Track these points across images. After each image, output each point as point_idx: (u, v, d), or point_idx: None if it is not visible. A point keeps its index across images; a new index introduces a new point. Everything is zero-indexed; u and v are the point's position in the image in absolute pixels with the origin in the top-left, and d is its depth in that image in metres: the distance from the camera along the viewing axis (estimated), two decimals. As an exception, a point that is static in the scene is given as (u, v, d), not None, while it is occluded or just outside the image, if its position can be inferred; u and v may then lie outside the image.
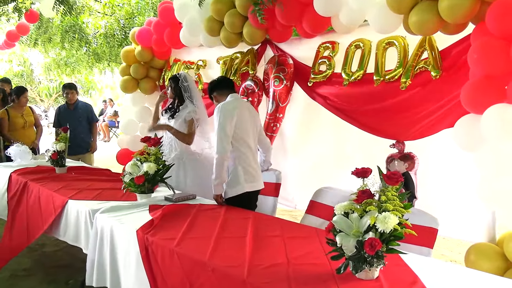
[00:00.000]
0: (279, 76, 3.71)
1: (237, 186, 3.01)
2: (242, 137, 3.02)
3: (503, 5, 2.21)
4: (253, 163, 3.11)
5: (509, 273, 2.40)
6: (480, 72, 2.38)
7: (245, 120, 3.04)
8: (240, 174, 3.01)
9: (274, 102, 3.76)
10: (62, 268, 3.61)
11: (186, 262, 1.97)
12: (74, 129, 5.13)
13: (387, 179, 1.63)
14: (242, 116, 3.01)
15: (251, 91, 4.03)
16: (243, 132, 3.02)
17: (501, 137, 2.27)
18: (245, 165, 3.04)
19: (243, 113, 3.03)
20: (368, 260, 1.57)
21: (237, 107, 3.00)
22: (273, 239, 2.16)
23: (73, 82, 11.23)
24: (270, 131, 3.85)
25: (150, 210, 2.62)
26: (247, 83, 4.05)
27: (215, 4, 3.79)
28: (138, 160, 2.91)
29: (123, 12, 7.54)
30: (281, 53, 3.86)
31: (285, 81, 3.72)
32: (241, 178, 3.00)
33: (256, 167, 3.13)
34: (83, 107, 5.57)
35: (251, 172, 3.06)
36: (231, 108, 2.97)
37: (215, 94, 3.22)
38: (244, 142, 3.03)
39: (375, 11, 2.82)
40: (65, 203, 2.94)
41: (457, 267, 1.97)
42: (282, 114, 3.80)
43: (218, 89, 3.19)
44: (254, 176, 3.09)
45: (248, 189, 3.03)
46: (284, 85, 3.72)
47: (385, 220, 1.53)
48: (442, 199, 3.02)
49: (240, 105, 3.05)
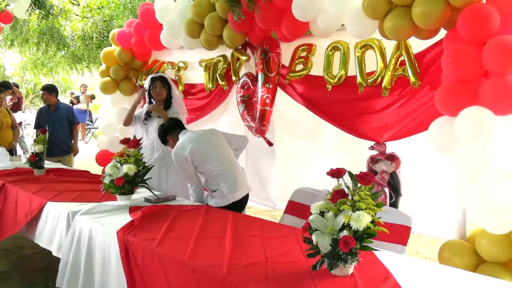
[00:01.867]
0: (264, 50, 3.76)
1: (223, 198, 3.05)
2: (211, 163, 3.03)
3: (473, 12, 2.31)
4: (234, 173, 3.13)
5: (480, 269, 2.50)
6: (453, 76, 2.47)
7: (205, 149, 3.07)
8: (223, 189, 3.04)
9: (262, 74, 3.78)
10: (41, 271, 3.58)
11: (166, 262, 2.00)
12: (55, 131, 5.15)
13: (360, 179, 1.70)
14: (198, 147, 3.02)
15: (247, 87, 4.08)
16: (207, 157, 3.04)
17: (474, 139, 2.36)
18: (225, 179, 3.06)
19: (198, 145, 3.02)
20: (342, 257, 1.64)
21: (188, 145, 3.00)
22: (252, 238, 2.21)
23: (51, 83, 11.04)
24: (264, 105, 3.82)
25: (130, 211, 2.64)
26: (242, 80, 4.11)
27: (195, 6, 3.83)
28: (117, 161, 2.93)
29: (101, 16, 7.49)
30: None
31: (270, 53, 3.76)
32: (225, 191, 3.04)
33: (237, 175, 3.15)
34: (64, 109, 5.51)
35: (233, 183, 3.08)
36: (182, 152, 3.00)
37: (168, 138, 3.22)
38: (214, 164, 3.04)
39: (352, 16, 2.90)
40: (43, 205, 2.93)
41: (428, 263, 2.06)
42: (272, 84, 3.80)
43: (170, 133, 3.21)
44: (237, 185, 3.11)
45: (233, 199, 3.06)
46: (270, 56, 3.75)
47: (358, 219, 1.60)
48: (416, 197, 3.12)
49: (191, 140, 3.05)
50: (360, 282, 1.65)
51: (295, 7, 3.10)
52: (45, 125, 5.10)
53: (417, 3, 2.48)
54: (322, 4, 3.01)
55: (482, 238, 2.51)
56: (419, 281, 1.72)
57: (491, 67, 2.31)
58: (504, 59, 2.24)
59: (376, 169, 3.22)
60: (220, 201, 3.03)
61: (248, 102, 4.10)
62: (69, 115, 5.48)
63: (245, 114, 4.08)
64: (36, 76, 10.91)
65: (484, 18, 2.28)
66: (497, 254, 2.45)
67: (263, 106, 3.82)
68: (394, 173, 3.18)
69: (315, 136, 3.84)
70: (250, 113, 4.07)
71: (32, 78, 12.95)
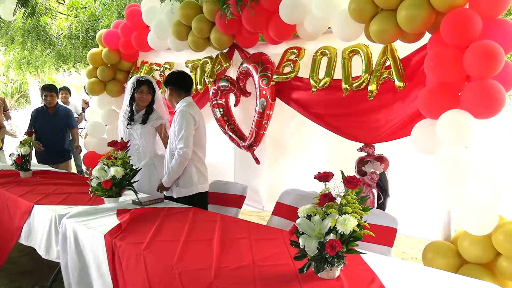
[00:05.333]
0: (266, 75, 3.75)
1: (191, 186, 3.17)
2: (201, 142, 3.20)
3: (456, 16, 2.35)
4: (205, 165, 3.31)
5: (462, 269, 2.55)
6: (436, 79, 2.50)
7: (202, 126, 3.21)
8: (193, 175, 3.16)
9: (264, 100, 3.77)
10: (27, 274, 3.56)
11: (154, 266, 2.00)
12: (54, 135, 4.99)
13: (347, 183, 1.72)
14: (201, 122, 3.17)
15: (225, 92, 4.07)
16: (202, 137, 3.21)
17: (455, 141, 2.40)
18: (199, 167, 3.21)
19: (201, 118, 3.19)
20: (329, 260, 1.66)
21: (196, 114, 3.15)
22: (240, 241, 2.22)
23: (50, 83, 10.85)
24: (262, 129, 3.85)
25: (118, 214, 2.63)
26: (221, 84, 4.06)
27: (182, 9, 3.82)
28: (105, 164, 2.92)
29: (87, 15, 7.42)
30: (261, 53, 3.87)
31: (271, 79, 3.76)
32: (194, 179, 3.17)
33: (206, 168, 3.31)
34: (63, 113, 5.24)
35: (203, 173, 3.25)
36: (193, 113, 3.11)
37: (171, 87, 3.26)
38: (201, 146, 3.21)
39: (338, 19, 2.93)
40: (31, 209, 2.91)
41: (414, 265, 2.08)
42: (272, 111, 3.81)
43: (178, 87, 3.25)
44: (206, 177, 3.29)
45: (201, 189, 3.22)
46: (272, 83, 3.76)
47: (344, 222, 1.62)
48: (403, 199, 3.16)
49: (198, 112, 3.21)
50: (346, 284, 1.67)
51: (282, 9, 3.12)
52: (41, 129, 4.93)
53: (402, 7, 2.52)
54: (309, 7, 3.04)
55: (464, 239, 2.56)
56: (404, 283, 1.75)
57: (472, 71, 2.34)
58: (485, 63, 2.26)
59: (366, 170, 3.26)
60: (187, 190, 3.16)
61: (226, 107, 4.14)
62: (68, 119, 5.26)
63: (223, 122, 4.11)
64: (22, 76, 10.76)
65: (466, 22, 2.31)
66: (478, 255, 2.50)
67: (259, 130, 3.86)
68: (383, 174, 3.22)
69: (303, 136, 3.86)
70: (230, 121, 4.11)
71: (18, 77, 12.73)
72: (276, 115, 3.90)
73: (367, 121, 3.23)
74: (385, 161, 3.22)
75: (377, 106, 3.15)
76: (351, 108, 3.26)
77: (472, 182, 2.38)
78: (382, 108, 3.12)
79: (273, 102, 3.77)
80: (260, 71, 3.76)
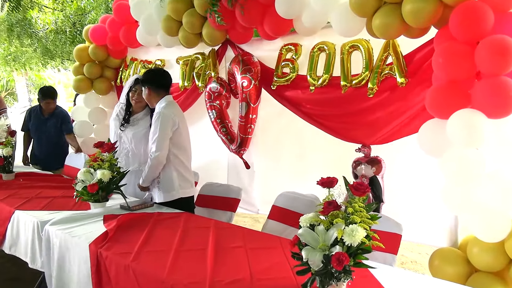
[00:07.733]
0: (246, 77, 3.59)
1: (172, 191, 3.01)
2: (183, 144, 3.05)
3: (467, 10, 2.20)
4: (189, 168, 3.15)
5: (473, 278, 2.40)
6: (444, 76, 2.37)
7: (184, 127, 3.06)
8: (174, 180, 3.01)
9: (245, 104, 3.63)
10: (10, 281, 3.40)
11: (143, 279, 1.85)
12: (49, 139, 4.67)
13: (354, 190, 1.57)
14: (182, 123, 3.02)
15: (217, 94, 3.90)
16: (183, 138, 3.05)
17: (467, 143, 2.27)
18: (180, 171, 3.05)
19: (182, 120, 3.04)
20: (335, 275, 1.51)
21: (176, 114, 3.00)
22: (235, 250, 2.08)
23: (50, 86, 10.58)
24: (245, 133, 3.72)
25: (105, 220, 2.48)
26: (212, 86, 3.89)
27: (172, 3, 3.63)
28: (91, 167, 2.75)
29: (74, 8, 7.20)
30: (244, 52, 3.74)
31: (253, 81, 3.60)
32: (175, 184, 3.01)
33: (191, 172, 3.16)
34: (57, 116, 4.69)
35: (186, 177, 3.09)
36: (172, 114, 2.96)
37: (149, 86, 3.08)
38: (183, 148, 3.06)
39: (338, 13, 2.77)
40: (11, 214, 2.74)
41: (423, 277, 1.94)
42: (255, 114, 3.67)
43: (157, 85, 3.08)
44: (190, 182, 3.13)
45: (183, 195, 3.06)
46: (253, 85, 3.59)
47: (352, 233, 1.47)
48: (405, 203, 3.01)
49: (178, 112, 3.07)
50: (354, 301, 1.53)
51: (278, 2, 2.96)
52: (36, 130, 4.66)
53: (407, 0, 2.37)
54: (308, 0, 2.88)
55: (474, 246, 2.40)
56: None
57: (484, 68, 2.21)
58: (498, 59, 2.13)
59: (357, 172, 3.12)
60: (168, 195, 3.00)
61: (220, 109, 3.96)
62: (64, 122, 4.71)
63: (216, 124, 3.95)
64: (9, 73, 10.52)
65: (477, 16, 2.18)
66: (489, 263, 2.34)
67: (244, 134, 3.72)
68: (375, 178, 3.05)
69: (297, 138, 3.72)
70: (223, 123, 3.94)
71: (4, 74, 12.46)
72: (269, 116, 3.77)
73: (364, 121, 3.09)
74: (377, 164, 3.05)
75: (376, 105, 3.01)
76: (351, 107, 3.12)
77: (482, 185, 2.24)
78: (383, 106, 2.98)
79: (255, 105, 3.63)
80: (241, 72, 3.61)
